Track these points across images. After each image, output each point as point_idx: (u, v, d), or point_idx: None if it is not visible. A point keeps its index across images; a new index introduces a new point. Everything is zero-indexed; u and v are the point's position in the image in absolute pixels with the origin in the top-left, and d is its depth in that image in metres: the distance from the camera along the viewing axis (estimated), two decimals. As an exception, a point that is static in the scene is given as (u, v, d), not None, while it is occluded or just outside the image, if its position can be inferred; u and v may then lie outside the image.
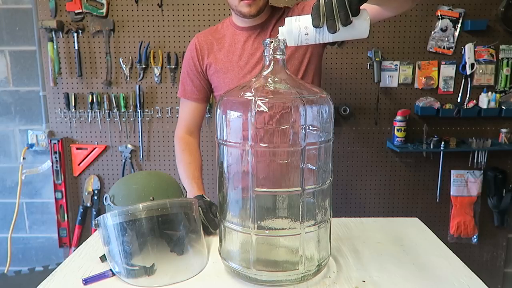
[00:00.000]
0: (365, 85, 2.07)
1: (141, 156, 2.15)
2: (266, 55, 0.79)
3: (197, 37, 1.31)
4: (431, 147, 2.01)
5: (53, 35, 2.02)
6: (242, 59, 1.23)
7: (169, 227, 0.88)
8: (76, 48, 2.04)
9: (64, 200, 2.16)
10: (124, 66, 2.06)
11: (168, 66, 2.06)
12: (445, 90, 2.08)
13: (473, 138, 2.05)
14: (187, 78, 1.33)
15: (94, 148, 2.14)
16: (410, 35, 2.04)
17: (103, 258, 0.87)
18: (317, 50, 1.25)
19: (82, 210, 2.18)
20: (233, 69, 1.24)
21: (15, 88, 2.15)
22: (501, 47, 2.04)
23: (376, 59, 1.99)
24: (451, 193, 2.16)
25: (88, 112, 2.10)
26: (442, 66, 2.05)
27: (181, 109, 1.39)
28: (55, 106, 2.11)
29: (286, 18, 0.81)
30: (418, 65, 2.05)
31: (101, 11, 2.00)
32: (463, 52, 2.03)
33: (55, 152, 2.10)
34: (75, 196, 2.20)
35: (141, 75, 2.07)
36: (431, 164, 2.15)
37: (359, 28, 0.77)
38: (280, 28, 0.81)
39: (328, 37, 0.78)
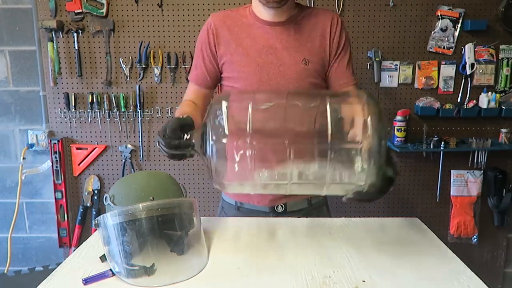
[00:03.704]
0: (365, 85, 2.07)
1: (141, 156, 2.15)
2: None
3: (213, 18, 1.18)
4: (431, 147, 2.01)
5: (53, 35, 2.02)
6: (261, 57, 1.13)
7: (169, 227, 0.88)
8: (76, 48, 2.04)
9: (64, 200, 2.16)
10: (124, 66, 2.06)
11: (168, 66, 2.06)
12: (445, 90, 2.08)
13: (473, 138, 2.05)
14: (202, 63, 1.19)
15: (94, 148, 2.14)
16: (410, 35, 2.04)
17: (103, 258, 0.88)
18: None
19: (82, 210, 2.18)
20: (250, 64, 1.13)
21: (15, 88, 2.15)
22: (501, 47, 2.04)
23: (376, 59, 1.99)
24: (451, 193, 2.16)
25: (88, 112, 2.10)
26: (442, 66, 2.05)
27: (189, 90, 1.25)
28: (55, 106, 2.11)
29: None
30: (418, 65, 2.05)
31: (101, 11, 2.00)
32: (463, 52, 2.03)
33: (55, 152, 2.10)
34: (75, 196, 2.20)
35: (141, 75, 2.07)
36: (431, 164, 2.15)
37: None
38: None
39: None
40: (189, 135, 0.83)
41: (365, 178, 0.71)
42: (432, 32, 2.03)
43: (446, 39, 2.03)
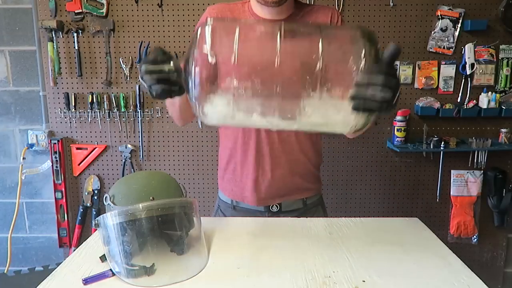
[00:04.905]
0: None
1: (141, 156, 2.15)
2: None
3: (209, 11, 1.16)
4: (431, 147, 2.01)
5: (53, 35, 2.02)
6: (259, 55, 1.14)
7: (169, 227, 0.88)
8: (76, 48, 2.04)
9: (64, 200, 2.16)
10: (124, 66, 2.06)
11: (168, 66, 2.06)
12: (445, 90, 2.08)
13: (473, 138, 2.05)
14: None
15: (94, 148, 2.14)
16: (410, 35, 2.04)
17: (103, 258, 0.87)
18: None
19: (82, 210, 2.18)
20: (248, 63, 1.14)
21: (15, 88, 2.15)
22: (501, 47, 2.04)
23: (376, 59, 1.99)
24: (451, 193, 2.16)
25: (88, 112, 2.10)
26: (442, 66, 2.05)
27: None
28: (55, 106, 2.11)
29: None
30: (418, 65, 2.05)
31: (101, 11, 2.00)
32: (463, 52, 2.03)
33: (55, 152, 2.10)
34: (75, 196, 2.20)
35: (141, 75, 2.07)
36: (431, 164, 2.15)
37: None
38: None
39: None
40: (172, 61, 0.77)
41: (363, 56, 0.68)
42: (432, 32, 2.03)
43: (446, 39, 2.03)
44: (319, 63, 0.69)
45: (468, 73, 2.02)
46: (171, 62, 0.77)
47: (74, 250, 1.32)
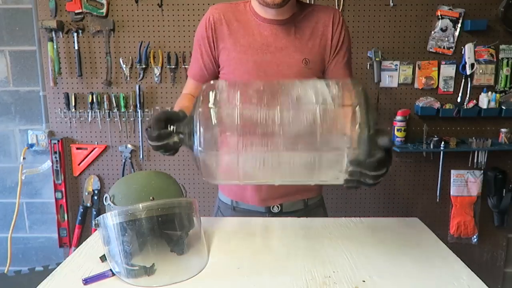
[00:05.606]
0: (365, 85, 2.07)
1: (141, 156, 2.15)
2: None
3: (211, 11, 1.15)
4: (431, 147, 2.01)
5: (53, 35, 2.02)
6: (259, 55, 1.12)
7: (169, 227, 0.88)
8: (76, 48, 2.04)
9: (64, 200, 2.16)
10: (124, 66, 2.06)
11: (168, 66, 2.06)
12: (445, 90, 2.08)
13: (473, 138, 2.05)
14: (200, 58, 1.18)
15: (94, 148, 2.14)
16: (410, 35, 2.04)
17: (103, 258, 0.88)
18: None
19: (82, 210, 2.18)
20: (247, 62, 1.13)
21: (15, 88, 2.15)
22: (501, 47, 2.04)
23: (376, 59, 1.99)
24: (451, 193, 2.16)
25: (88, 112, 2.10)
26: (442, 66, 2.05)
27: (187, 84, 1.26)
28: (55, 106, 2.11)
29: None
30: (418, 65, 2.05)
31: (101, 11, 2.00)
32: (463, 52, 2.03)
33: (55, 152, 2.10)
34: (75, 196, 2.20)
35: (141, 75, 2.07)
36: (431, 164, 2.15)
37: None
38: None
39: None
40: (174, 127, 0.81)
41: (356, 144, 0.71)
42: (432, 32, 2.03)
43: (446, 39, 2.03)
44: (318, 133, 0.73)
45: (468, 73, 2.02)
46: (175, 136, 0.81)
47: (74, 250, 1.32)
